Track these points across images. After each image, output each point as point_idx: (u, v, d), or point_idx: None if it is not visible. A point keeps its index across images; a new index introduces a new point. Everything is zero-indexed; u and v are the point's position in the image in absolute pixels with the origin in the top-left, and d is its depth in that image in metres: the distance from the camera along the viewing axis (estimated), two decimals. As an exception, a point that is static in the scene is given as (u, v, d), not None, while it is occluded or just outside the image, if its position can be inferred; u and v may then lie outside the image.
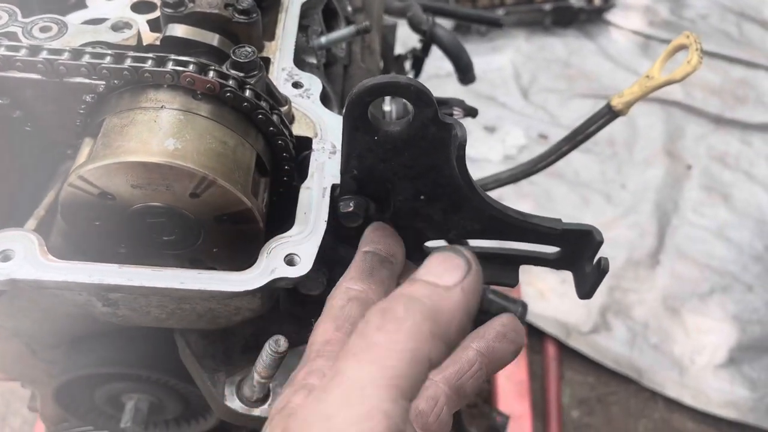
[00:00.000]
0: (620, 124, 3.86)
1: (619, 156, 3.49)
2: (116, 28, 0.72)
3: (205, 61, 0.66)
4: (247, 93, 0.67)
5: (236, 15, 0.79)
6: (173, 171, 0.60)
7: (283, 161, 0.72)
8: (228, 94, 0.65)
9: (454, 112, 1.05)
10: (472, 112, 1.06)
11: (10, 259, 0.61)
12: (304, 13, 0.92)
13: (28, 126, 0.71)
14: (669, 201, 3.32)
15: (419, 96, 0.62)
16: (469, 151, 3.28)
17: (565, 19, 3.91)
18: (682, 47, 1.03)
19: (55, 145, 0.73)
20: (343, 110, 0.63)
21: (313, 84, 0.81)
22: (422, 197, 0.72)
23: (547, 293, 3.03)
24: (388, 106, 1.05)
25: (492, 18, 2.00)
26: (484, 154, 3.47)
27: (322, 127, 0.76)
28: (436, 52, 3.81)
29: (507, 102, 3.67)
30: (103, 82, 0.65)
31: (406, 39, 1.91)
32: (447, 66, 3.96)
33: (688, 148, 3.48)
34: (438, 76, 3.70)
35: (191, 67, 0.64)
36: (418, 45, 1.78)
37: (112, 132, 0.62)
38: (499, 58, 3.80)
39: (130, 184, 0.62)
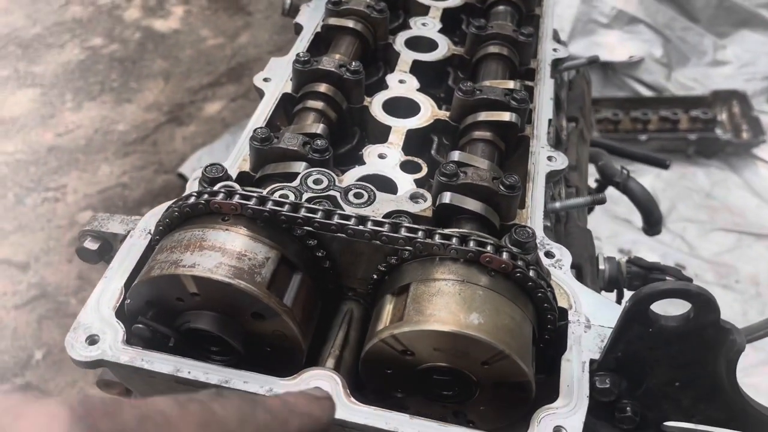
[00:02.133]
0: (766, 263, 3.68)
1: (764, 297, 3.32)
2: (414, 198, 0.84)
3: (500, 243, 0.75)
4: (531, 273, 0.75)
5: (502, 188, 0.89)
6: (476, 343, 0.69)
7: (546, 332, 0.79)
8: (518, 274, 0.74)
9: (667, 279, 1.10)
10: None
11: (325, 398, 0.71)
12: (547, 179, 1.02)
13: (326, 264, 0.82)
14: (821, 354, 3.08)
15: (707, 304, 0.67)
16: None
17: (709, 150, 3.87)
18: None
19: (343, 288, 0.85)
20: (625, 303, 0.70)
21: (564, 255, 0.89)
22: (677, 384, 0.76)
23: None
24: (603, 265, 1.11)
25: (658, 159, 2.04)
26: (616, 277, 3.42)
27: (575, 299, 0.83)
28: None
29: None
30: (410, 250, 0.76)
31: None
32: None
33: None
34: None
35: (489, 248, 0.74)
36: (594, 184, 1.85)
37: (422, 299, 0.72)
38: (641, 181, 3.80)
39: (432, 346, 0.71)
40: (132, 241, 0.84)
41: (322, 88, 1.04)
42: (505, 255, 0.75)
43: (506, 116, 1.02)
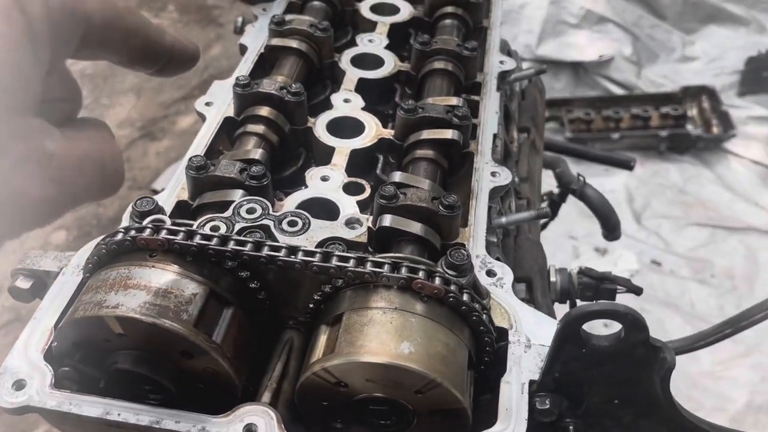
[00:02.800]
0: (741, 257, 3.71)
1: (739, 290, 3.35)
2: (349, 223, 0.84)
3: (433, 267, 0.75)
4: (465, 297, 0.75)
5: (441, 209, 0.88)
6: (408, 372, 0.68)
7: (485, 354, 0.79)
8: (451, 299, 0.74)
9: (618, 289, 1.10)
10: (636, 291, 1.10)
11: (256, 435, 0.69)
12: (491, 195, 1.01)
13: (261, 295, 0.81)
14: (796, 344, 3.11)
15: (634, 323, 0.67)
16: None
17: (681, 146, 3.91)
18: None
19: (279, 317, 0.84)
20: (558, 323, 0.70)
21: (506, 273, 0.88)
22: (616, 401, 0.76)
23: None
24: (554, 277, 1.11)
25: (622, 161, 2.05)
26: (594, 276, 3.43)
27: (516, 318, 0.83)
28: (548, 176, 3.82)
29: (619, 224, 3.65)
30: (342, 279, 0.75)
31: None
32: None
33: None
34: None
35: (421, 273, 0.74)
36: (556, 190, 1.85)
37: (353, 329, 0.71)
38: (613, 180, 3.82)
39: (365, 378, 0.70)
40: (64, 279, 0.83)
41: (263, 111, 1.03)
42: (437, 280, 0.74)
43: (448, 134, 1.01)
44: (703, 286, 3.37)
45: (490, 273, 0.89)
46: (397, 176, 0.95)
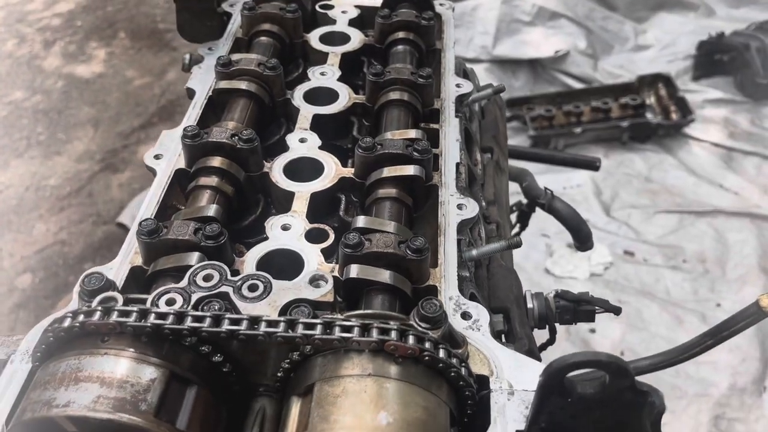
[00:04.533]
0: (710, 240, 3.75)
1: (712, 273, 3.39)
2: (312, 281, 0.79)
3: (405, 324, 0.71)
4: (441, 353, 0.71)
5: (409, 253, 0.85)
6: (387, 445, 0.64)
7: (466, 407, 0.75)
8: (426, 357, 0.70)
9: (597, 310, 1.08)
10: (614, 311, 1.09)
11: None
12: (459, 229, 0.98)
13: (226, 367, 0.77)
14: (771, 322, 3.16)
15: (619, 371, 0.65)
16: (554, 269, 3.26)
17: (643, 135, 3.94)
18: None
19: (251, 385, 0.79)
20: (540, 377, 0.67)
21: (481, 315, 0.85)
22: (607, 445, 0.73)
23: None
24: (531, 303, 1.09)
25: (588, 161, 2.05)
26: (570, 272, 3.44)
27: (496, 364, 0.80)
28: None
29: (590, 219, 3.66)
30: (310, 347, 0.71)
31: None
32: None
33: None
34: (520, 192, 3.77)
35: (393, 334, 0.70)
36: (525, 200, 1.84)
37: (325, 402, 0.67)
38: (579, 175, 3.83)
39: (344, 452, 0.66)
40: (13, 368, 0.77)
41: (215, 161, 0.99)
42: (411, 339, 0.71)
43: (409, 170, 0.98)
44: (677, 272, 3.40)
45: (466, 315, 0.86)
46: (361, 221, 0.91)
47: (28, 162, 4.38)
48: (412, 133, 1.04)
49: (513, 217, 1.84)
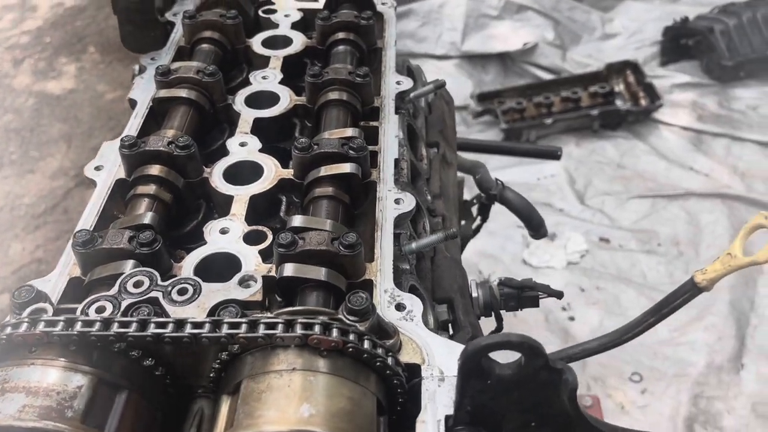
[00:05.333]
0: (683, 222, 3.79)
1: (686, 255, 3.43)
2: (242, 282, 0.81)
3: (330, 318, 0.73)
4: (366, 344, 0.73)
5: (342, 249, 0.87)
6: (311, 436, 0.66)
7: (397, 396, 0.77)
8: (350, 349, 0.72)
9: (540, 295, 1.10)
10: (557, 295, 1.11)
11: None
12: (396, 223, 1.00)
13: (159, 371, 0.78)
14: (744, 299, 3.21)
15: (531, 350, 0.67)
16: (531, 259, 3.28)
17: (613, 122, 3.98)
18: (760, 227, 1.06)
19: (188, 387, 0.81)
20: (458, 361, 0.68)
21: (415, 305, 0.87)
22: (533, 424, 0.75)
23: (627, 406, 2.92)
24: (475, 292, 1.11)
25: (549, 151, 2.07)
26: (547, 262, 3.47)
27: (428, 351, 0.82)
28: (489, 168, 3.85)
29: (564, 208, 3.70)
30: (238, 346, 0.73)
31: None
32: (503, 176, 4.02)
33: (756, 242, 3.39)
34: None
35: (317, 328, 0.71)
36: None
37: (251, 398, 0.69)
38: (552, 165, 3.86)
39: (270, 446, 0.67)
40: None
41: (153, 170, 1.00)
42: (334, 332, 0.72)
43: (346, 168, 1.00)
44: (652, 256, 3.44)
45: (400, 307, 0.87)
46: (296, 220, 0.93)
47: (1, 182, 4.36)
48: (349, 132, 1.06)
49: (474, 210, 1.86)
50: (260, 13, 1.41)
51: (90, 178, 1.05)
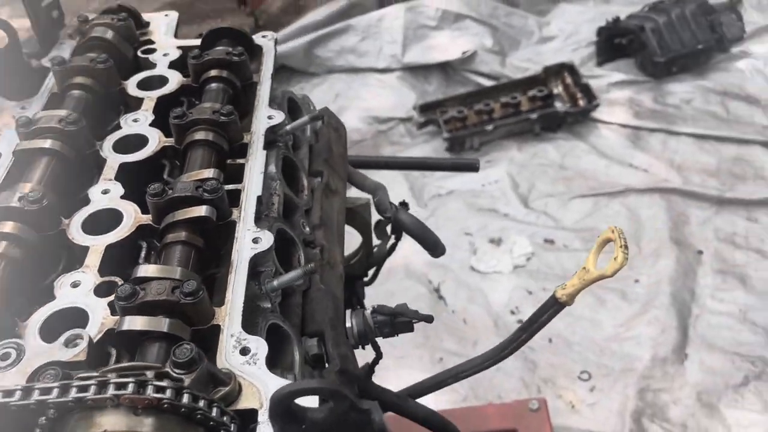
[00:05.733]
0: (624, 218, 3.86)
1: (629, 250, 3.48)
2: (68, 342, 0.81)
3: (143, 378, 0.73)
4: (185, 398, 0.73)
5: (183, 297, 0.87)
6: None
7: (231, 445, 0.77)
8: (166, 406, 0.72)
9: (413, 320, 1.11)
10: (427, 320, 1.12)
11: None
12: (258, 261, 1.01)
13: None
14: (685, 290, 3.27)
15: (333, 395, 0.67)
16: (479, 265, 3.30)
17: (553, 124, 4.04)
18: (610, 241, 1.08)
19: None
20: (267, 412, 0.69)
21: (260, 348, 0.87)
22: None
23: (577, 405, 2.95)
24: (349, 322, 1.11)
25: (466, 163, 2.09)
26: (494, 267, 3.50)
27: (267, 395, 0.82)
28: (434, 179, 3.89)
29: (509, 212, 3.74)
30: (53, 410, 0.72)
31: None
32: (448, 185, 4.05)
33: (694, 233, 3.46)
34: (440, 195, 3.83)
35: (130, 387, 0.72)
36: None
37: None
38: (496, 171, 3.91)
39: None
40: None
41: (6, 227, 0.99)
42: (149, 389, 0.72)
43: (199, 211, 1.00)
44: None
45: (245, 351, 0.88)
46: (141, 270, 0.93)
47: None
48: (206, 173, 1.06)
49: (388, 228, 1.87)
50: (139, 53, 1.41)
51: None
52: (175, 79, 1.33)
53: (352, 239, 1.61)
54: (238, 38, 1.38)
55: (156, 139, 1.20)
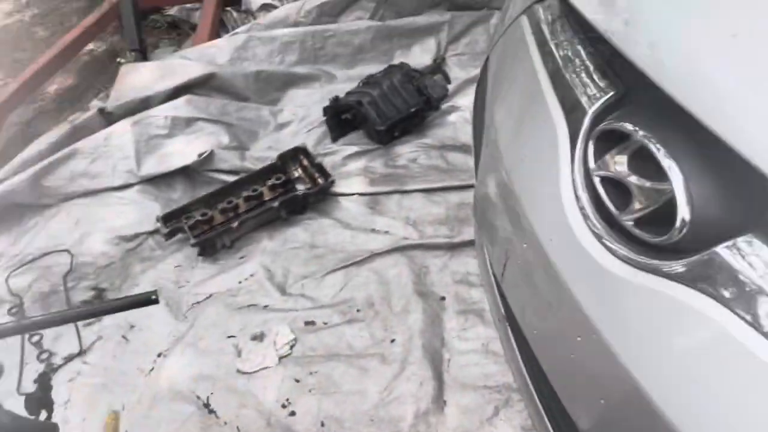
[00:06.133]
0: (374, 283, 4.03)
1: (381, 313, 3.66)
2: None
3: None
4: None
5: None
6: None
7: None
8: None
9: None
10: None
11: None
12: None
13: None
14: (435, 338, 3.49)
15: None
16: (245, 366, 3.23)
17: (298, 207, 4.18)
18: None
19: None
20: None
21: None
22: None
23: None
24: None
25: (144, 298, 2.08)
26: (260, 364, 3.48)
27: None
28: (191, 286, 3.74)
29: (269, 303, 3.77)
30: None
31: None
32: (206, 289, 3.93)
33: (435, 282, 3.75)
34: (198, 302, 3.75)
35: None
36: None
37: None
38: (250, 265, 3.95)
39: None
40: None
41: None
42: None
43: None
44: (354, 324, 3.62)
45: None
46: None
47: None
48: None
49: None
50: None
51: None
52: None
53: None
54: None
55: None
